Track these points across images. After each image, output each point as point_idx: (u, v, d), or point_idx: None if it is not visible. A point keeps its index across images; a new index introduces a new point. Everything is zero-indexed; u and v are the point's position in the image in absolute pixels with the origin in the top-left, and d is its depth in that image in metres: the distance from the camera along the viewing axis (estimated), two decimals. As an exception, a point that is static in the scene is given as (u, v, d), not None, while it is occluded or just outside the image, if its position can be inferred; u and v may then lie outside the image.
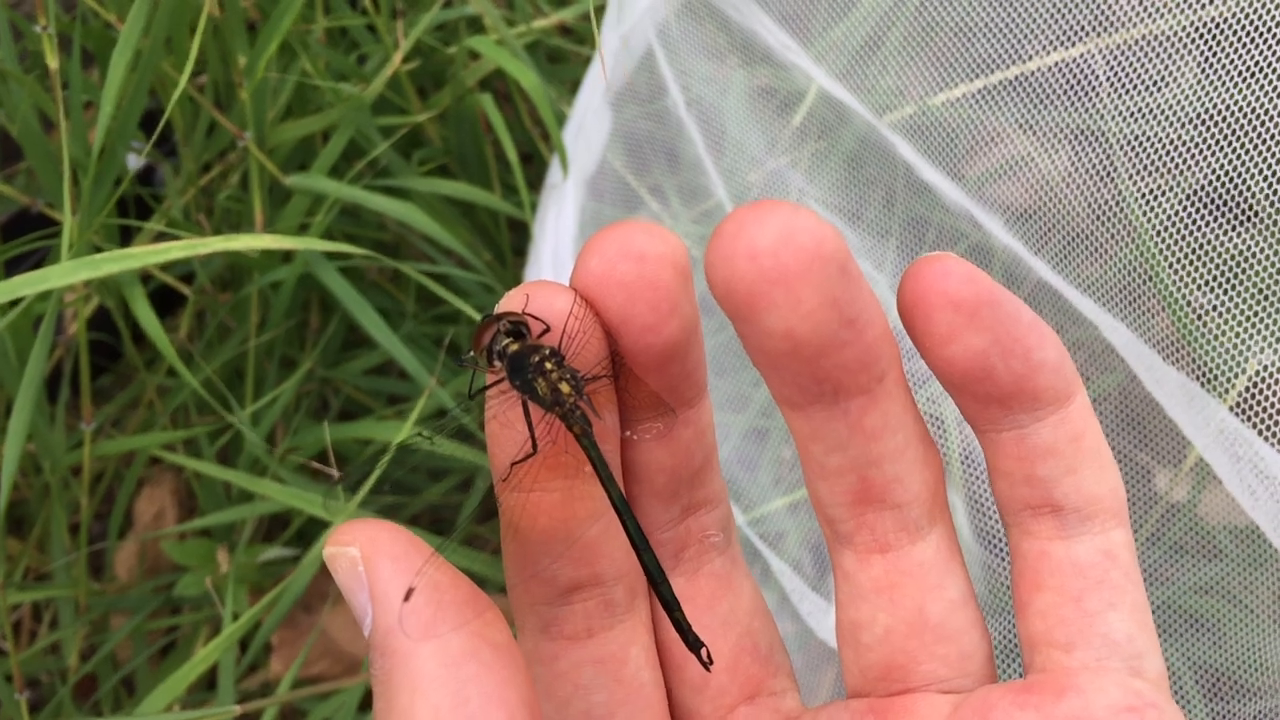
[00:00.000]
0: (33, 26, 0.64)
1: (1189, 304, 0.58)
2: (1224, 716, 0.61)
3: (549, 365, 0.29)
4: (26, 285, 0.54)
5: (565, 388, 0.29)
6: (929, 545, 0.30)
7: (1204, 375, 0.57)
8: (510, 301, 0.30)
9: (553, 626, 0.31)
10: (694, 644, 0.31)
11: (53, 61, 0.64)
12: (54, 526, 0.78)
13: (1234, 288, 0.57)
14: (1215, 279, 0.58)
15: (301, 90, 0.82)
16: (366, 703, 0.75)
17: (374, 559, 0.27)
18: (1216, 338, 0.56)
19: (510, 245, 0.93)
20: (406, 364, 0.75)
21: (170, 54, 0.74)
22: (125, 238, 0.83)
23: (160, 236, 0.79)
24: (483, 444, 0.81)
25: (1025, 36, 0.66)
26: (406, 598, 0.26)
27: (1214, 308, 0.58)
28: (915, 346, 0.29)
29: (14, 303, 0.64)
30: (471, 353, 0.31)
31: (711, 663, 0.31)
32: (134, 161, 0.89)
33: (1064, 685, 0.28)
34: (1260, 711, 0.60)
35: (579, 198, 0.76)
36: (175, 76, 0.74)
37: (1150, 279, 0.61)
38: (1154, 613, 0.64)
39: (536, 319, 0.29)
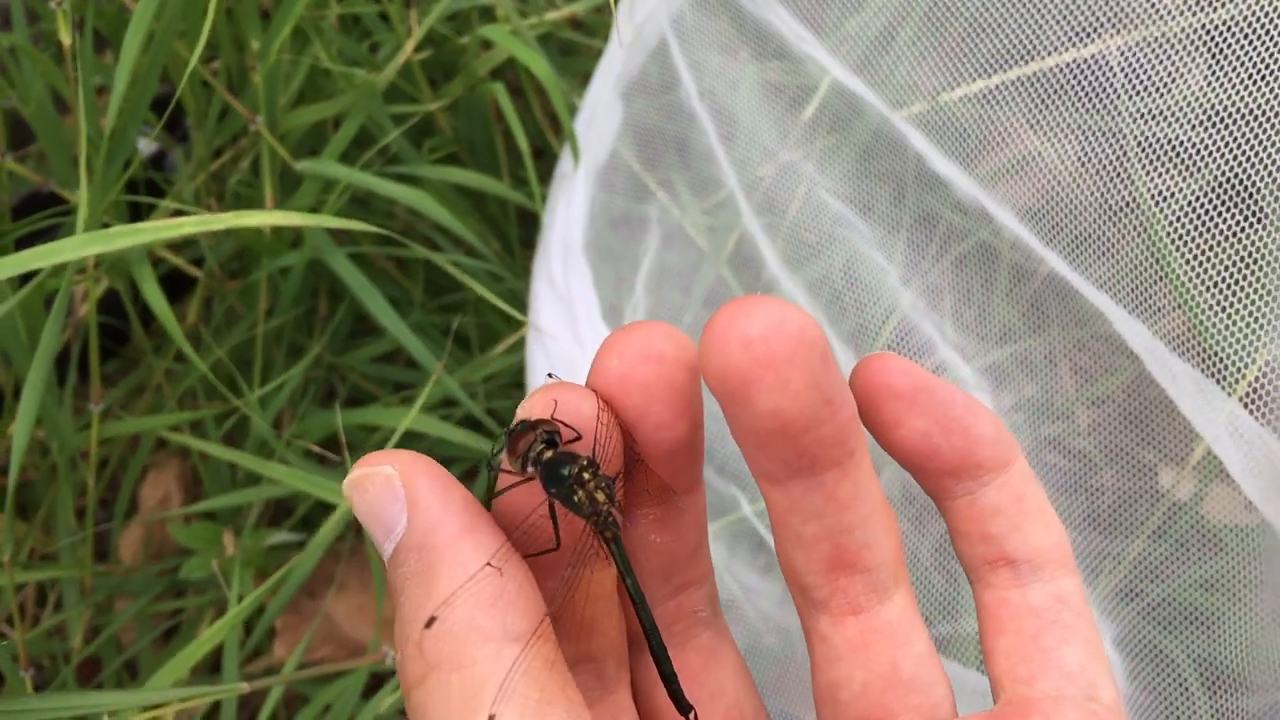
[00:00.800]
0: (47, 3, 0.64)
1: (1198, 301, 0.58)
2: (1226, 711, 0.61)
3: (586, 476, 0.31)
4: (39, 258, 0.54)
5: (601, 496, 0.31)
6: (895, 605, 0.33)
7: (1212, 370, 0.58)
8: (535, 404, 0.32)
9: None
10: (684, 708, 0.33)
11: (67, 38, 0.64)
12: (60, 508, 0.78)
13: (1242, 286, 0.57)
14: (1223, 277, 0.58)
15: (313, 77, 0.82)
16: (370, 689, 0.75)
17: (412, 475, 0.30)
18: (1225, 330, 0.57)
19: (519, 237, 0.93)
20: (414, 351, 0.76)
21: (183, 36, 0.74)
22: (135, 220, 0.83)
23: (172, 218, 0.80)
24: (488, 431, 0.82)
25: (1036, 35, 0.66)
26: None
27: (1221, 306, 0.58)
28: (872, 435, 0.32)
29: (26, 281, 0.65)
30: (500, 453, 0.32)
31: None
32: (145, 146, 0.89)
33: (1027, 711, 0.31)
34: (1262, 706, 0.60)
35: (589, 188, 0.76)
36: (186, 57, 0.74)
37: (1162, 274, 0.61)
38: (1158, 608, 0.64)
39: (568, 427, 0.31)
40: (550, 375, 0.33)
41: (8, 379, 0.79)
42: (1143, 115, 0.64)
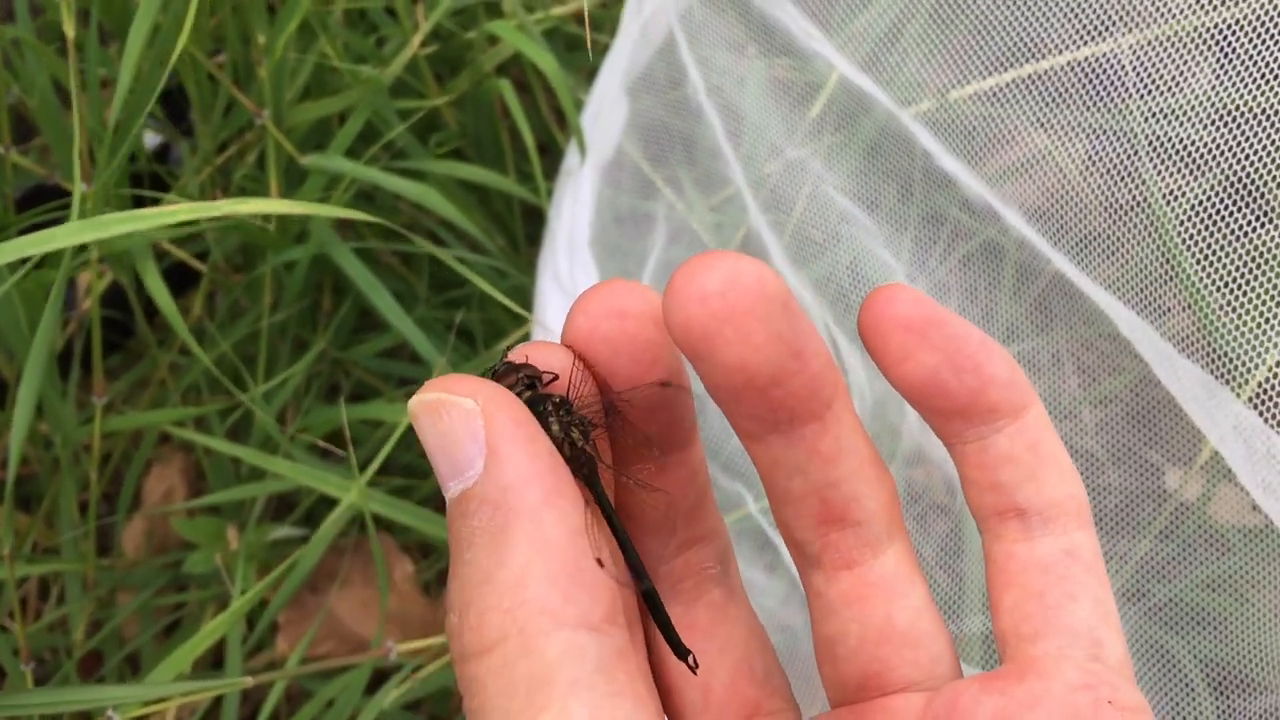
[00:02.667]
0: (54, -2, 0.64)
1: (1207, 301, 0.58)
2: (1232, 712, 0.61)
3: (561, 413, 0.31)
4: (33, 244, 0.54)
5: (575, 434, 0.31)
6: (890, 559, 0.32)
7: (1219, 371, 0.57)
8: (512, 358, 0.32)
9: None
10: (682, 652, 0.32)
11: (71, 31, 0.64)
12: (63, 501, 0.78)
13: (1252, 285, 0.57)
14: (1233, 277, 0.58)
15: (319, 71, 0.82)
16: (373, 685, 0.75)
17: (496, 415, 0.28)
18: (1234, 330, 0.56)
19: (524, 234, 0.93)
20: (419, 345, 0.75)
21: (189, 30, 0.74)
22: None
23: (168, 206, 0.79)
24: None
25: (1043, 33, 0.66)
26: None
27: (1231, 306, 0.58)
28: (879, 368, 0.31)
29: (28, 269, 0.64)
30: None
31: (697, 666, 0.33)
32: (151, 140, 0.89)
33: (1025, 670, 0.30)
34: (1267, 706, 0.60)
35: (595, 184, 0.76)
36: (192, 51, 0.74)
37: (1170, 274, 0.61)
38: (1164, 608, 0.64)
39: (545, 370, 0.31)
40: (506, 347, 0.33)
41: (10, 372, 0.79)
42: (1151, 114, 0.64)
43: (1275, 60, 0.58)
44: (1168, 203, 0.61)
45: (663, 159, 0.79)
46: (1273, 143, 0.57)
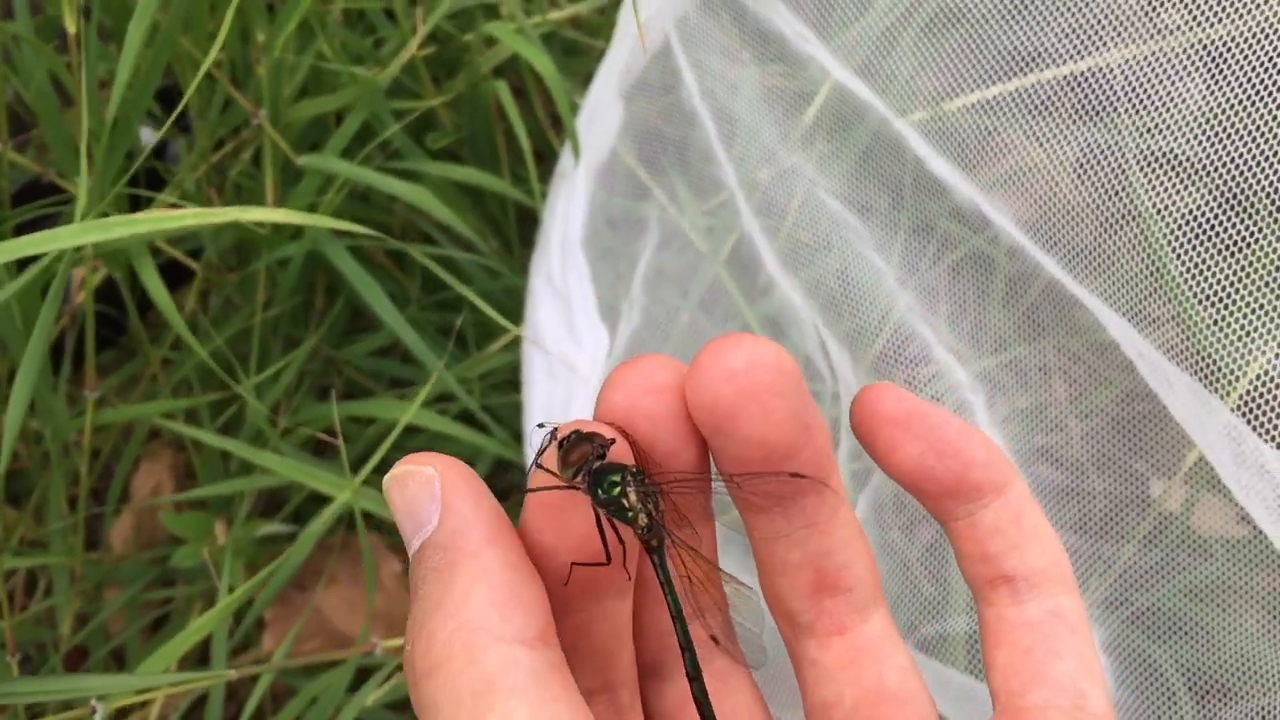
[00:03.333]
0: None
1: (1194, 312, 0.59)
2: (1211, 718, 0.61)
3: (638, 482, 0.32)
4: (35, 245, 0.54)
5: (651, 505, 0.33)
6: (876, 623, 0.35)
7: (1205, 381, 0.58)
8: (562, 434, 0.33)
9: None
10: None
11: (71, 26, 0.64)
12: (52, 494, 0.78)
13: (1239, 294, 0.58)
14: (1220, 288, 0.58)
15: (316, 68, 0.82)
16: (356, 683, 0.75)
17: (450, 479, 0.31)
18: (1219, 341, 0.57)
19: (518, 235, 0.93)
20: (412, 345, 0.76)
21: (188, 31, 0.74)
22: (135, 210, 0.84)
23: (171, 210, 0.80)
24: (483, 427, 0.82)
25: (1035, 47, 0.66)
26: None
27: (1216, 318, 0.58)
28: (873, 459, 0.34)
29: (24, 268, 0.65)
30: (544, 451, 0.33)
31: None
32: (148, 136, 0.89)
33: (1014, 719, 0.33)
34: (1246, 713, 0.60)
35: (588, 186, 0.76)
36: (191, 51, 0.74)
37: (1158, 286, 0.61)
38: (1145, 615, 0.64)
39: (610, 439, 0.33)
40: (541, 425, 0.34)
41: (3, 366, 0.79)
42: (1142, 129, 0.65)
43: (1264, 77, 0.58)
44: (1159, 215, 0.62)
45: (656, 163, 0.80)
46: (1264, 155, 0.58)
